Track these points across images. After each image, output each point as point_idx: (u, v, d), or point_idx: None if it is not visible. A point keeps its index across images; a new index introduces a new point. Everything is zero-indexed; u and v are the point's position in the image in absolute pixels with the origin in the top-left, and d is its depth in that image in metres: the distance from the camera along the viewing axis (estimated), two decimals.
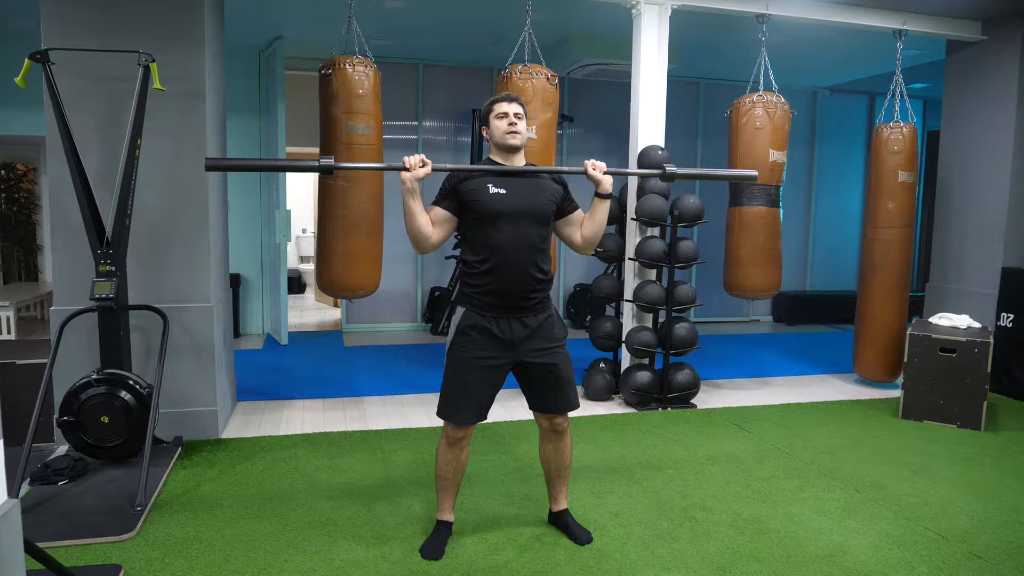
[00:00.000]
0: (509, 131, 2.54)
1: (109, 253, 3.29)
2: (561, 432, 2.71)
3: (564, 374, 2.63)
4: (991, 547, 2.79)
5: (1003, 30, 5.26)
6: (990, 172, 5.34)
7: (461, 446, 2.62)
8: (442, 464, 2.66)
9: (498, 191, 2.50)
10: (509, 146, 2.56)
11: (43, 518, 2.82)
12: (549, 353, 2.59)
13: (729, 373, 5.66)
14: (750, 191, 4.89)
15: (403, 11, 5.40)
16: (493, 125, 2.58)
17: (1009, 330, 5.06)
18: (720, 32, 5.75)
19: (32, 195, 7.75)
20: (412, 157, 2.46)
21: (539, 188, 2.59)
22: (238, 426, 4.12)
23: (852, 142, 8.50)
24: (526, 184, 2.57)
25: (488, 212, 2.49)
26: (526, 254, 2.51)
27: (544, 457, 2.79)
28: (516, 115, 2.55)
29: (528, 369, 2.60)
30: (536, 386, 2.63)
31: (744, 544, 2.77)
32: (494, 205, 2.49)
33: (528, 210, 2.52)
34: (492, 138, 2.59)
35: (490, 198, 2.49)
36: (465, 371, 2.53)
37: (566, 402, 2.66)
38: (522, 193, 2.54)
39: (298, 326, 7.51)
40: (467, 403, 2.55)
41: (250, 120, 6.73)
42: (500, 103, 2.57)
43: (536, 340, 2.57)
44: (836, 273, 8.56)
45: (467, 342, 2.54)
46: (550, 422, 2.69)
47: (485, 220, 2.50)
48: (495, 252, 2.49)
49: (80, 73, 3.49)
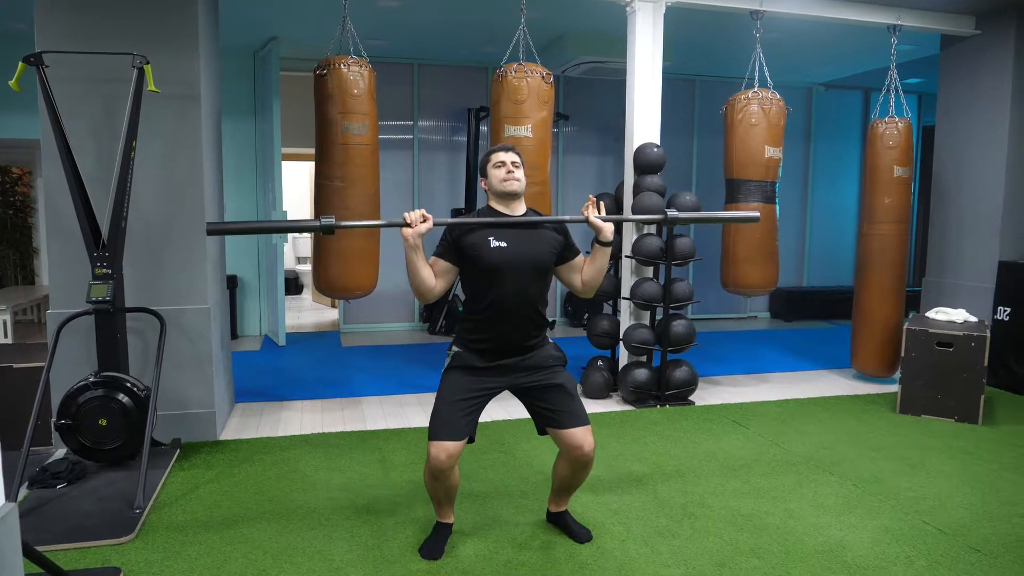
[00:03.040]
0: (506, 178, 2.54)
1: (105, 256, 3.28)
2: (587, 463, 2.62)
3: (570, 390, 2.61)
4: (989, 540, 2.79)
5: (997, 24, 5.27)
6: (985, 166, 5.35)
7: (446, 476, 2.52)
8: (431, 490, 2.61)
9: (499, 244, 2.50)
10: (507, 192, 2.56)
11: (41, 522, 2.82)
12: (549, 373, 2.59)
13: (727, 369, 5.67)
14: (746, 188, 4.89)
15: (397, 11, 5.39)
16: (491, 174, 2.58)
17: (1006, 324, 5.07)
18: (715, 29, 5.76)
19: (28, 198, 7.74)
20: (412, 213, 2.45)
21: (540, 238, 2.58)
22: (236, 428, 4.12)
23: (847, 138, 8.51)
24: (528, 235, 2.56)
25: (488, 266, 2.49)
26: (526, 307, 2.53)
27: (559, 475, 2.74)
28: (513, 163, 2.56)
29: (529, 391, 2.59)
30: (545, 404, 2.59)
31: (743, 540, 2.78)
32: (495, 259, 2.49)
33: (528, 263, 2.52)
34: (490, 187, 2.60)
35: (491, 252, 2.49)
36: (455, 392, 2.53)
37: (583, 415, 2.60)
38: (523, 245, 2.53)
39: (296, 327, 7.51)
40: (454, 420, 2.50)
41: (245, 121, 6.72)
42: (496, 153, 2.60)
43: (530, 367, 2.57)
44: (833, 269, 8.58)
45: (461, 371, 2.56)
46: (579, 450, 2.56)
47: (485, 274, 2.50)
48: (495, 305, 2.50)
49: (74, 76, 3.48)
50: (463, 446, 2.50)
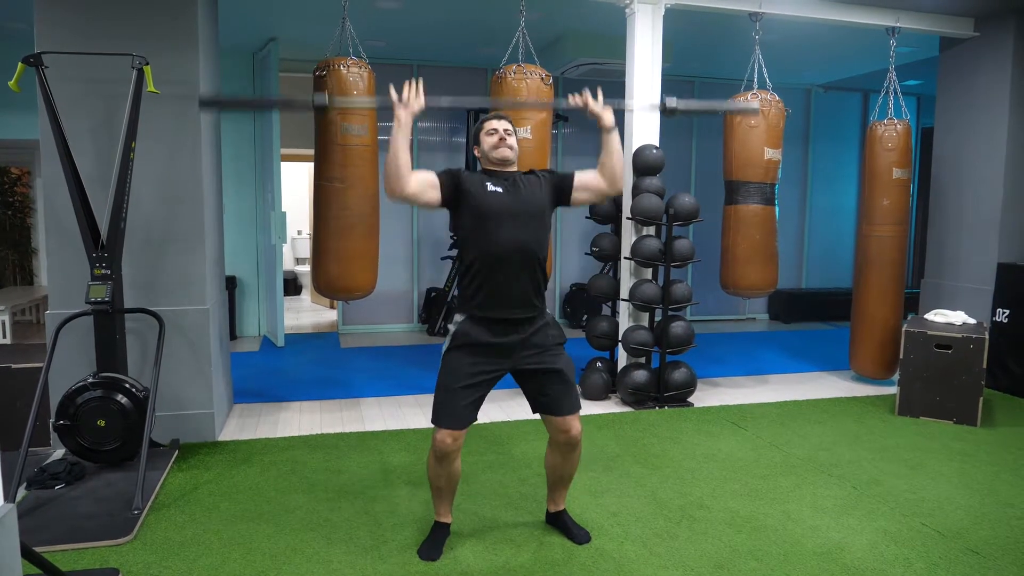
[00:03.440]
0: (497, 145, 2.57)
1: (104, 256, 3.28)
2: (574, 444, 2.65)
3: (567, 376, 2.62)
4: (988, 542, 2.80)
5: (995, 26, 5.28)
6: (984, 168, 5.36)
7: (451, 460, 2.56)
8: (433, 476, 2.63)
9: (496, 189, 2.53)
10: (498, 159, 2.58)
11: (40, 523, 2.82)
12: (550, 356, 2.59)
13: (726, 371, 5.67)
14: (746, 189, 4.90)
15: (397, 12, 5.39)
16: (483, 141, 2.61)
17: (1004, 326, 5.07)
18: (714, 30, 5.76)
19: (27, 199, 7.74)
20: (407, 91, 2.45)
21: (534, 184, 2.61)
22: (235, 428, 4.12)
23: (846, 139, 8.52)
24: (525, 183, 2.59)
25: (486, 210, 2.50)
26: (523, 254, 2.52)
27: (550, 464, 2.77)
28: (505, 131, 2.58)
29: (529, 375, 2.59)
30: (541, 390, 2.60)
31: (742, 542, 2.78)
32: (491, 201, 2.51)
33: (526, 209, 2.54)
34: (483, 154, 2.62)
35: (487, 195, 2.52)
36: (458, 378, 2.52)
37: (576, 401, 2.64)
38: (520, 192, 2.55)
39: (294, 328, 7.50)
40: (459, 409, 2.52)
41: (245, 122, 6.71)
42: (489, 121, 2.62)
43: (532, 347, 2.56)
44: (832, 270, 8.58)
45: (463, 351, 2.54)
46: (566, 434, 2.61)
47: (484, 218, 2.51)
48: (492, 252, 2.50)
49: (74, 76, 3.49)
50: (467, 431, 2.55)
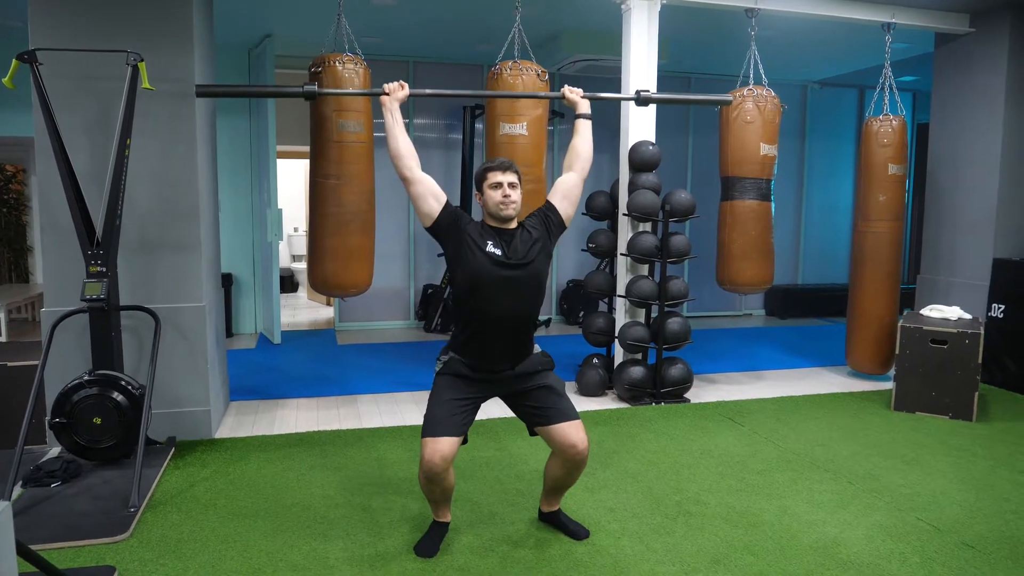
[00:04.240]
0: (503, 202, 2.54)
1: (99, 253, 3.27)
2: (580, 462, 2.61)
3: (559, 390, 2.63)
4: (983, 537, 2.81)
5: (991, 22, 5.29)
6: (980, 163, 5.37)
7: (441, 479, 2.49)
8: (427, 491, 2.60)
9: (495, 252, 2.50)
10: (503, 217, 2.56)
11: (36, 520, 2.81)
12: (539, 377, 2.61)
13: (722, 367, 5.67)
14: (742, 185, 4.90)
15: (392, 9, 5.38)
16: (487, 194, 2.57)
17: (1000, 321, 5.09)
18: (710, 27, 5.76)
19: (21, 196, 7.71)
20: (392, 83, 2.83)
21: (534, 239, 2.58)
22: (231, 426, 4.11)
23: (842, 135, 8.52)
24: (523, 241, 2.56)
25: (484, 276, 2.48)
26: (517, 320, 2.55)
27: (551, 475, 2.72)
28: (510, 184, 2.55)
29: (521, 395, 2.61)
30: (534, 405, 2.60)
31: (738, 537, 2.78)
32: (489, 270, 2.48)
33: (522, 275, 2.52)
34: (486, 206, 2.59)
35: (487, 258, 2.49)
36: (448, 392, 2.54)
37: (571, 410, 2.61)
38: (518, 255, 2.52)
39: (291, 325, 7.49)
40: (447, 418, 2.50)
41: (240, 119, 6.70)
42: (494, 172, 2.57)
43: (521, 375, 2.60)
44: (828, 266, 8.59)
45: (452, 379, 2.58)
46: (573, 448, 2.56)
47: (480, 284, 2.49)
48: (488, 315, 2.50)
49: (68, 73, 3.47)
50: (457, 447, 2.49)
